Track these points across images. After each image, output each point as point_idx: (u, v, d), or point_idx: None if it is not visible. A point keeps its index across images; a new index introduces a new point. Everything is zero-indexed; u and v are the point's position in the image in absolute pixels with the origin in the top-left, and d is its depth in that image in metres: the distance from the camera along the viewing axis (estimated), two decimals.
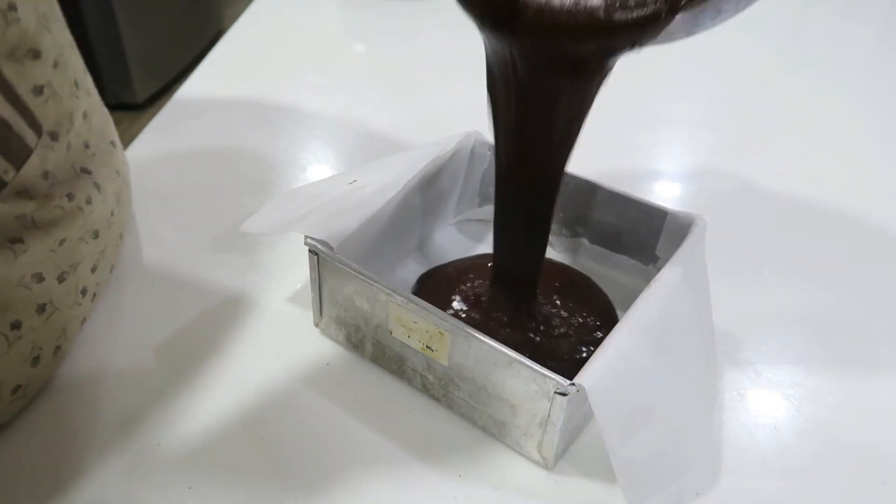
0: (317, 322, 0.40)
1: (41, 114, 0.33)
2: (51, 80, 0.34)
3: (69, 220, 0.35)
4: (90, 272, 0.37)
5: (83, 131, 0.37)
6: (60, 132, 0.35)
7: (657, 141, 0.63)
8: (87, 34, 1.72)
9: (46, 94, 0.33)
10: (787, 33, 0.88)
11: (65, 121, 0.35)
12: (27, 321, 0.33)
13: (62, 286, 0.34)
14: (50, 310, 0.34)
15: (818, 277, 0.47)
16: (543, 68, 0.27)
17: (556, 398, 0.30)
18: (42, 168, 0.33)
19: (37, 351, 0.33)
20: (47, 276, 0.34)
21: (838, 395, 0.38)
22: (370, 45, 0.81)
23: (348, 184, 0.41)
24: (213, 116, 0.62)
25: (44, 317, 0.34)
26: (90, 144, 0.38)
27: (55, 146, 0.34)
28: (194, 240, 0.46)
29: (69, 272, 0.35)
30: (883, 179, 0.59)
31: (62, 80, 0.35)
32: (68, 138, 0.35)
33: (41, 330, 0.34)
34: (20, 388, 0.33)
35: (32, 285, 0.33)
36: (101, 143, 0.40)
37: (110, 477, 0.32)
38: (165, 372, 0.37)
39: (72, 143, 0.36)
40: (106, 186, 0.39)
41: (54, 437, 0.34)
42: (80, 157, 0.37)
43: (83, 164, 0.37)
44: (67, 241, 0.35)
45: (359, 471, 0.33)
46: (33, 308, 0.33)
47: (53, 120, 0.34)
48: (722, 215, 0.49)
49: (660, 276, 0.34)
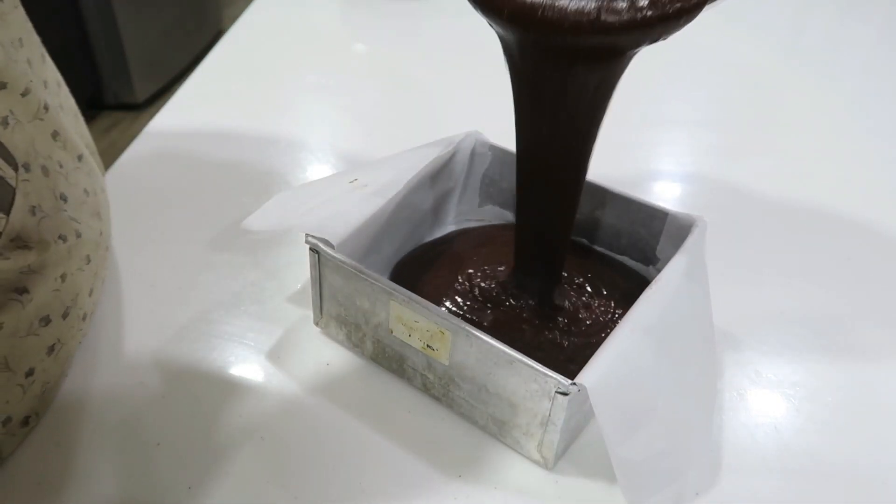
0: (317, 321, 0.40)
1: (12, 145, 0.31)
2: (14, 108, 0.31)
3: (65, 258, 0.34)
4: (88, 297, 0.37)
5: (54, 151, 0.35)
6: (31, 161, 0.32)
7: (657, 141, 0.63)
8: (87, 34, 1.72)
9: (11, 123, 0.31)
10: (787, 33, 0.88)
11: (30, 148, 0.32)
12: (39, 365, 0.33)
13: (66, 321, 0.34)
14: (58, 348, 0.34)
15: (818, 277, 0.47)
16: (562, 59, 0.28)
17: (556, 398, 0.30)
18: (27, 204, 0.31)
19: (46, 386, 0.34)
20: (54, 317, 0.33)
21: (838, 395, 0.38)
22: (370, 45, 0.81)
23: (349, 182, 0.41)
24: (213, 116, 0.62)
25: (53, 356, 0.34)
26: (64, 164, 0.36)
27: (31, 177, 0.32)
28: (194, 240, 0.46)
29: (71, 306, 0.35)
30: (883, 179, 0.59)
31: (26, 107, 0.32)
32: (39, 162, 0.33)
33: (51, 368, 0.34)
34: (29, 418, 0.33)
35: (40, 330, 0.32)
36: (71, 160, 0.37)
37: (110, 477, 0.32)
38: (165, 372, 0.37)
39: (48, 168, 0.34)
40: (79, 216, 0.36)
41: (54, 437, 0.33)
42: (58, 182, 0.34)
43: (61, 190, 0.34)
44: (67, 274, 0.34)
45: (359, 471, 0.33)
46: (44, 351, 0.33)
47: (22, 150, 0.32)
48: (722, 215, 0.49)
49: (660, 276, 0.34)
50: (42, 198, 0.33)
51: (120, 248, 0.45)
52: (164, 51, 1.99)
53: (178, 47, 2.05)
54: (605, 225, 0.43)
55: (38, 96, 0.33)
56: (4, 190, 0.30)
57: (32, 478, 0.32)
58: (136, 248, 0.45)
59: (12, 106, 0.31)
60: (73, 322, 0.35)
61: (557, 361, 0.35)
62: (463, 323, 0.32)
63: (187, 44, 2.08)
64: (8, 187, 0.30)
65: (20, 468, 0.32)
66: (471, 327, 0.31)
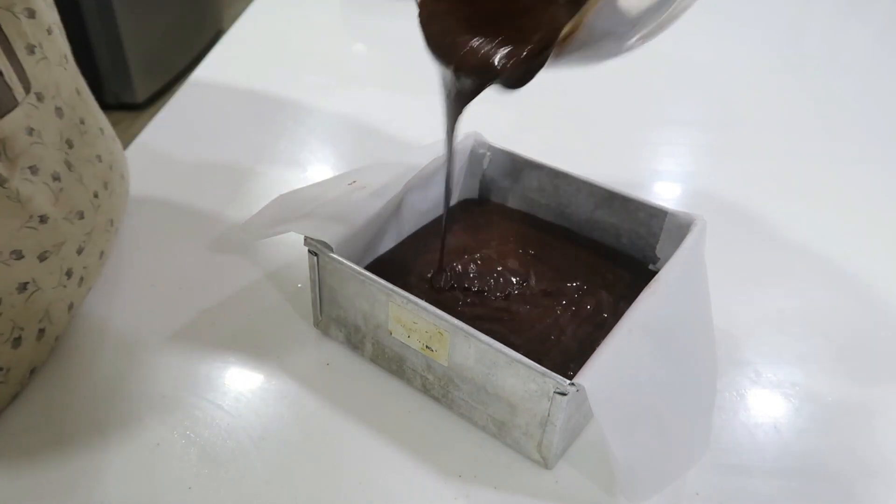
0: (317, 322, 0.40)
1: (32, 73, 0.34)
2: (42, 42, 0.34)
3: (41, 195, 0.34)
4: (76, 253, 0.37)
5: (78, 106, 0.37)
6: (45, 95, 0.35)
7: (657, 141, 0.63)
8: (87, 34, 1.72)
9: (38, 55, 0.34)
10: (786, 33, 0.88)
11: (51, 86, 0.35)
12: (7, 298, 0.32)
13: (44, 265, 0.34)
14: (32, 289, 0.33)
15: (818, 277, 0.47)
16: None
17: (555, 398, 0.30)
18: (26, 124, 0.33)
19: (18, 332, 0.33)
20: (27, 253, 0.33)
21: (838, 395, 0.38)
22: (370, 45, 0.81)
23: (348, 185, 0.41)
24: (213, 116, 0.62)
25: (24, 295, 0.33)
26: (85, 121, 0.38)
27: (40, 107, 0.34)
28: (194, 240, 0.46)
29: (52, 251, 0.34)
30: (883, 179, 0.59)
31: (53, 48, 0.35)
32: (55, 103, 0.35)
33: (22, 309, 0.33)
34: (2, 370, 0.33)
35: (11, 262, 0.32)
36: (94, 125, 0.40)
37: (110, 477, 0.32)
38: (165, 371, 0.37)
39: (64, 112, 0.36)
40: (81, 168, 0.38)
41: (54, 437, 0.34)
42: (72, 131, 0.37)
43: (70, 137, 0.36)
44: (50, 219, 0.34)
45: (359, 471, 0.33)
46: (13, 286, 0.32)
47: (41, 82, 0.34)
48: (722, 215, 0.49)
49: (660, 275, 0.34)
50: (44, 128, 0.34)
51: (119, 248, 0.45)
52: (164, 51, 1.99)
53: (178, 47, 2.05)
54: (605, 224, 0.43)
55: (59, 42, 0.36)
56: (6, 96, 0.32)
57: (31, 478, 0.32)
58: (136, 248, 0.45)
59: (41, 39, 0.34)
60: (52, 269, 0.35)
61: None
62: (461, 324, 0.32)
63: (187, 44, 2.08)
64: (10, 96, 0.32)
65: (18, 468, 0.32)
66: (469, 328, 0.31)
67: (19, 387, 0.35)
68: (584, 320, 0.38)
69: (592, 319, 0.38)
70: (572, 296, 0.40)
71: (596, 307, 0.39)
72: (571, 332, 0.37)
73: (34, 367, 0.35)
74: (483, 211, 0.46)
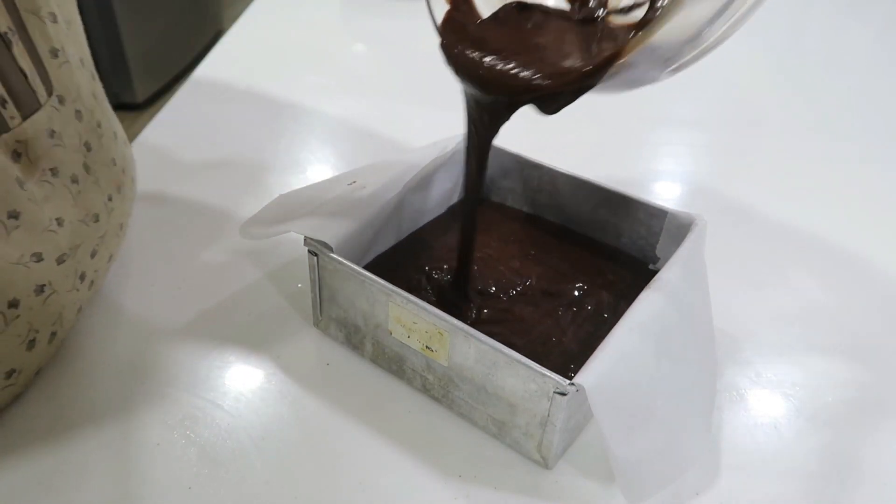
0: (317, 322, 0.40)
1: (54, 76, 0.34)
2: (65, 46, 0.35)
3: (60, 198, 0.34)
4: (89, 257, 0.37)
5: (95, 109, 0.38)
6: (67, 98, 0.35)
7: (657, 141, 0.63)
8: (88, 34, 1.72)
9: (60, 58, 0.34)
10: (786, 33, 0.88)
11: (72, 89, 0.36)
12: (25, 300, 0.32)
13: (61, 268, 0.34)
14: (48, 291, 0.33)
15: (818, 277, 0.47)
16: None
17: (555, 398, 0.30)
18: (49, 126, 0.34)
19: (33, 334, 0.33)
20: (46, 256, 0.33)
21: (838, 395, 0.38)
22: (370, 45, 0.81)
23: (347, 185, 0.41)
24: (213, 116, 0.62)
25: (42, 297, 0.33)
26: (102, 125, 0.38)
27: (62, 109, 0.35)
28: (194, 240, 0.46)
29: (69, 254, 0.35)
30: (883, 179, 0.59)
31: (73, 50, 0.36)
32: (75, 107, 0.36)
33: (39, 312, 0.33)
34: (14, 373, 0.33)
35: (31, 264, 0.32)
36: (109, 129, 0.40)
37: (110, 476, 0.32)
38: (165, 371, 0.37)
39: (83, 115, 0.36)
40: (98, 171, 0.38)
41: (54, 437, 0.34)
42: (90, 134, 0.37)
43: (88, 140, 0.37)
44: (67, 221, 0.34)
45: (359, 471, 0.33)
46: (32, 288, 0.32)
47: (63, 85, 0.35)
48: (722, 215, 0.49)
49: (660, 275, 0.34)
50: (65, 131, 0.35)
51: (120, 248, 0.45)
52: (164, 51, 1.99)
53: (178, 47, 2.05)
54: (605, 223, 0.43)
55: (80, 46, 0.37)
56: (30, 98, 0.33)
57: (31, 478, 0.32)
58: (136, 248, 0.45)
59: (64, 43, 0.35)
60: (67, 273, 0.35)
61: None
62: (461, 324, 0.32)
63: (187, 44, 2.09)
64: (34, 98, 0.33)
65: (18, 467, 0.32)
66: (469, 328, 0.31)
67: (24, 388, 0.35)
68: (585, 320, 0.38)
69: (593, 319, 0.38)
70: (573, 296, 0.40)
71: (596, 307, 0.39)
72: (572, 333, 0.37)
73: (40, 369, 0.36)
74: (483, 211, 0.46)
